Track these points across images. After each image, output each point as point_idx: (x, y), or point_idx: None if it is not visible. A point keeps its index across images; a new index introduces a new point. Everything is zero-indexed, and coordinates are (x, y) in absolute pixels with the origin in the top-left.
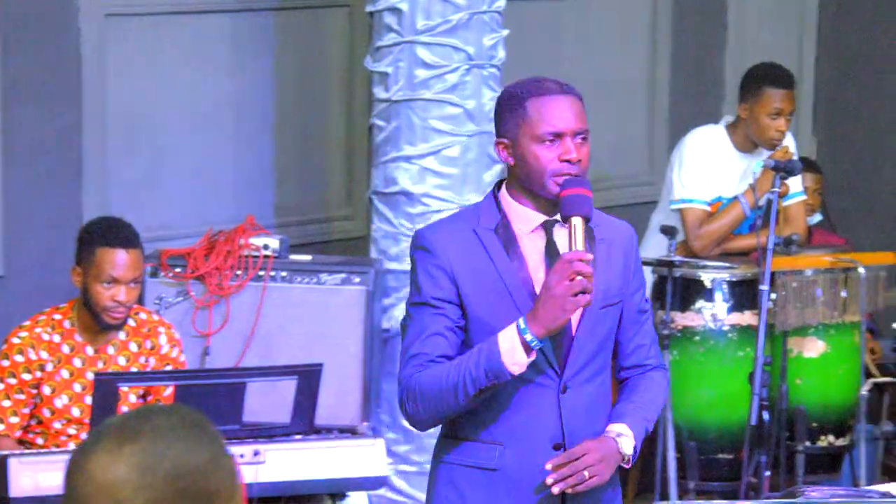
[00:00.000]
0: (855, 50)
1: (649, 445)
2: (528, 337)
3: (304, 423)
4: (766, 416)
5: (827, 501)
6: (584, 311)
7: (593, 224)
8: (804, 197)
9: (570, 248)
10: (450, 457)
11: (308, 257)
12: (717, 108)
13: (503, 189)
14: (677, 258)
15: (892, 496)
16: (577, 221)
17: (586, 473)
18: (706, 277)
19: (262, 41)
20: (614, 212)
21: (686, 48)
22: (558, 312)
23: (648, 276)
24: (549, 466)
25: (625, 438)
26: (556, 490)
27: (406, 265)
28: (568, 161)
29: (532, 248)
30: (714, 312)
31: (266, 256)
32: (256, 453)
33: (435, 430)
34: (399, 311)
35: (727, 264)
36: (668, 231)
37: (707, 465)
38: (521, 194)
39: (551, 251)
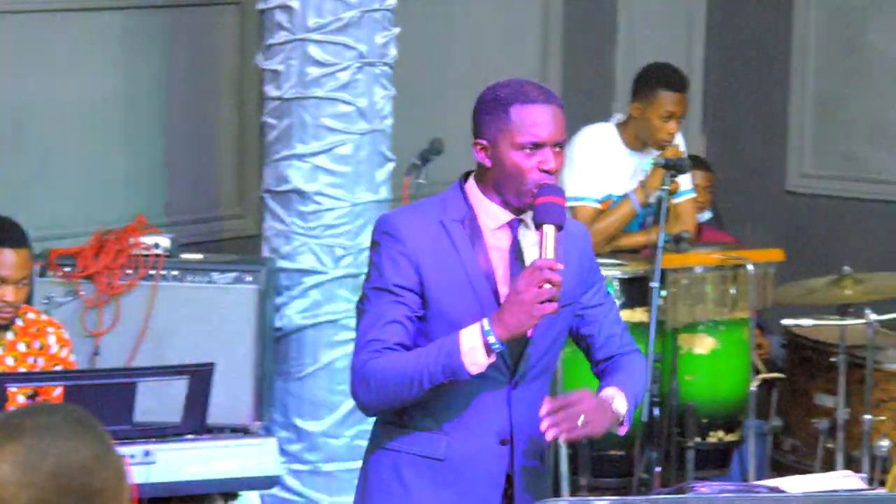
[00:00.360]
0: (743, 48)
1: None
2: (491, 339)
3: (195, 422)
4: (656, 412)
5: (716, 497)
6: None
7: None
8: (694, 195)
9: (541, 256)
10: (393, 444)
11: (199, 256)
12: (607, 107)
13: (471, 182)
14: None
15: (781, 491)
16: (549, 229)
17: (581, 420)
18: None
19: (153, 38)
20: None
21: (577, 46)
22: (524, 318)
23: None
24: (543, 412)
25: (618, 398)
26: (549, 436)
27: (298, 264)
28: (546, 171)
29: (497, 244)
30: None
31: (157, 255)
32: (147, 453)
33: (328, 429)
34: (290, 310)
35: (618, 261)
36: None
37: (599, 461)
38: (492, 192)
39: (516, 249)
